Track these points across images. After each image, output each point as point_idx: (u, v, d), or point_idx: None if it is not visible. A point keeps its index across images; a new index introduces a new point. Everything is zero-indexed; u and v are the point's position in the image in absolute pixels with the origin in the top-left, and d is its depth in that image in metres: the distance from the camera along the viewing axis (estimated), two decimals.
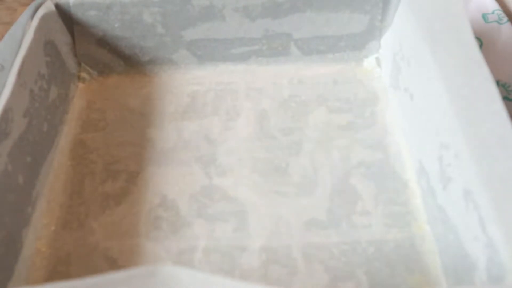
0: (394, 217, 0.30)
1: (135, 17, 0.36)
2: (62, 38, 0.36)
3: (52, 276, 0.28)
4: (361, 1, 0.36)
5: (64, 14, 0.36)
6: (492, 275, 0.23)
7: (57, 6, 0.36)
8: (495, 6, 0.42)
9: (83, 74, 0.38)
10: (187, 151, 0.34)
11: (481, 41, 0.40)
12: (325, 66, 0.38)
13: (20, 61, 0.31)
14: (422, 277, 0.28)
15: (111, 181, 0.32)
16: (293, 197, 0.31)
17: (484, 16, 0.42)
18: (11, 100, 0.29)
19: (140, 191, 0.31)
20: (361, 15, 0.37)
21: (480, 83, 0.28)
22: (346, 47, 0.38)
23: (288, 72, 0.38)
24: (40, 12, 0.34)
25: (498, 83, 0.38)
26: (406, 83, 0.34)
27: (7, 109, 0.28)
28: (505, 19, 0.41)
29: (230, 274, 0.28)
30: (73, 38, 0.37)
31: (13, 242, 0.27)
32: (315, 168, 0.33)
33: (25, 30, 0.33)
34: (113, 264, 0.28)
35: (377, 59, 0.38)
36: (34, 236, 0.29)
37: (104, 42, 0.37)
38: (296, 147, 0.34)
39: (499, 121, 0.26)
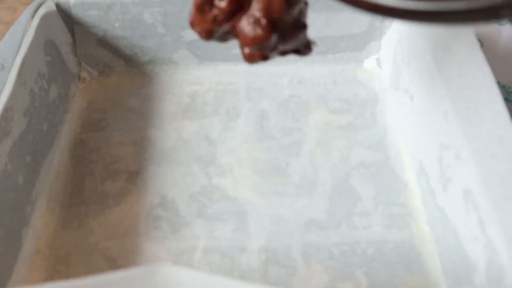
0: (393, 217, 0.30)
1: (136, 17, 0.36)
2: (62, 38, 0.36)
3: (52, 275, 0.28)
4: None
5: (64, 14, 0.36)
6: (491, 276, 0.23)
7: (58, 5, 0.36)
8: None
9: (84, 74, 0.38)
10: (187, 151, 0.34)
11: (482, 42, 0.40)
12: (326, 66, 0.39)
13: (20, 61, 0.31)
14: (421, 278, 0.28)
15: (111, 181, 0.32)
16: (292, 198, 0.31)
17: None
18: (11, 99, 0.29)
19: (139, 191, 0.31)
20: (361, 16, 0.37)
21: (481, 84, 0.28)
22: (347, 47, 0.38)
23: (288, 72, 0.38)
24: (41, 12, 0.34)
25: (498, 84, 0.38)
26: (406, 84, 0.34)
27: (7, 108, 0.28)
28: (505, 20, 0.41)
29: (229, 274, 0.28)
30: (73, 37, 0.37)
31: (12, 242, 0.27)
32: (315, 168, 0.33)
33: (26, 30, 0.33)
34: (112, 264, 0.28)
35: (378, 60, 0.38)
36: (33, 236, 0.29)
37: (105, 42, 0.37)
38: (296, 148, 0.34)
39: (500, 122, 0.26)
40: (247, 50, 0.23)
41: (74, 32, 0.37)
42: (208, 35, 0.23)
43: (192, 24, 0.24)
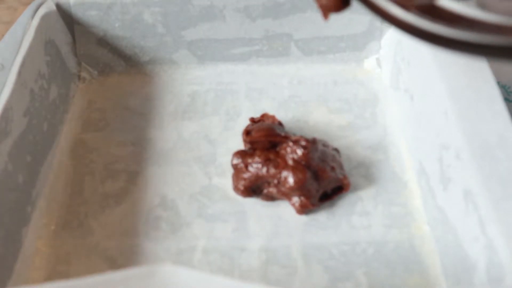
0: (393, 217, 0.30)
1: (136, 17, 0.36)
2: (62, 38, 0.36)
3: (52, 275, 0.28)
4: None
5: (64, 14, 0.36)
6: (491, 276, 0.23)
7: (58, 5, 0.36)
8: None
9: (84, 74, 0.38)
10: (187, 151, 0.34)
11: None
12: (326, 66, 0.39)
13: (20, 61, 0.31)
14: (421, 278, 0.28)
15: (111, 181, 0.32)
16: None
17: None
18: (11, 99, 0.29)
19: (140, 191, 0.31)
20: (361, 16, 0.37)
21: (481, 84, 0.28)
22: (347, 47, 0.38)
23: (289, 72, 0.38)
24: (41, 12, 0.34)
25: (498, 84, 0.38)
26: (406, 83, 0.34)
27: (7, 108, 0.28)
28: None
29: (229, 274, 0.28)
30: (73, 37, 0.37)
31: (12, 241, 0.27)
32: None
33: (26, 30, 0.33)
34: (112, 263, 0.28)
35: (378, 59, 0.38)
36: (33, 236, 0.29)
37: (105, 42, 0.37)
38: None
39: (500, 122, 0.26)
40: (297, 202, 0.30)
41: (74, 32, 0.37)
42: (247, 190, 0.30)
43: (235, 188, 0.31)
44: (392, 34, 0.37)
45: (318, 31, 0.37)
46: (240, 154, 0.31)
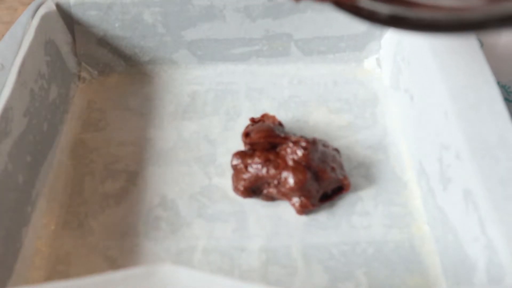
0: (393, 217, 0.30)
1: (136, 17, 0.36)
2: (62, 38, 0.36)
3: (52, 275, 0.28)
4: None
5: (64, 14, 0.36)
6: (491, 276, 0.23)
7: (58, 5, 0.36)
8: None
9: (84, 74, 0.38)
10: (187, 151, 0.34)
11: (481, 42, 0.40)
12: (326, 66, 0.39)
13: (20, 61, 0.31)
14: (421, 278, 0.28)
15: (111, 181, 0.32)
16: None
17: None
18: (11, 99, 0.29)
19: (140, 191, 0.31)
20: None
21: (481, 84, 0.28)
22: (347, 47, 0.38)
23: (289, 72, 0.38)
24: (41, 12, 0.34)
25: (498, 84, 0.38)
26: (406, 83, 0.34)
27: (7, 108, 0.28)
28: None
29: (229, 274, 0.28)
30: (73, 37, 0.37)
31: (12, 241, 0.27)
32: None
33: (26, 30, 0.33)
34: (112, 263, 0.28)
35: (378, 59, 0.38)
36: (33, 236, 0.29)
37: (105, 42, 0.37)
38: None
39: (500, 122, 0.26)
40: (297, 202, 0.29)
41: (74, 32, 0.37)
42: (247, 191, 0.30)
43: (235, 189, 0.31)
44: (392, 34, 0.37)
45: (318, 31, 0.37)
46: (240, 154, 0.31)
